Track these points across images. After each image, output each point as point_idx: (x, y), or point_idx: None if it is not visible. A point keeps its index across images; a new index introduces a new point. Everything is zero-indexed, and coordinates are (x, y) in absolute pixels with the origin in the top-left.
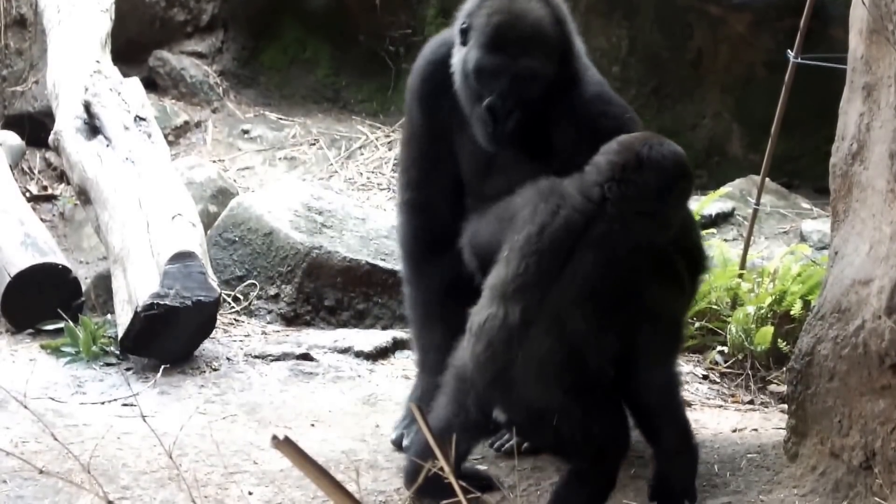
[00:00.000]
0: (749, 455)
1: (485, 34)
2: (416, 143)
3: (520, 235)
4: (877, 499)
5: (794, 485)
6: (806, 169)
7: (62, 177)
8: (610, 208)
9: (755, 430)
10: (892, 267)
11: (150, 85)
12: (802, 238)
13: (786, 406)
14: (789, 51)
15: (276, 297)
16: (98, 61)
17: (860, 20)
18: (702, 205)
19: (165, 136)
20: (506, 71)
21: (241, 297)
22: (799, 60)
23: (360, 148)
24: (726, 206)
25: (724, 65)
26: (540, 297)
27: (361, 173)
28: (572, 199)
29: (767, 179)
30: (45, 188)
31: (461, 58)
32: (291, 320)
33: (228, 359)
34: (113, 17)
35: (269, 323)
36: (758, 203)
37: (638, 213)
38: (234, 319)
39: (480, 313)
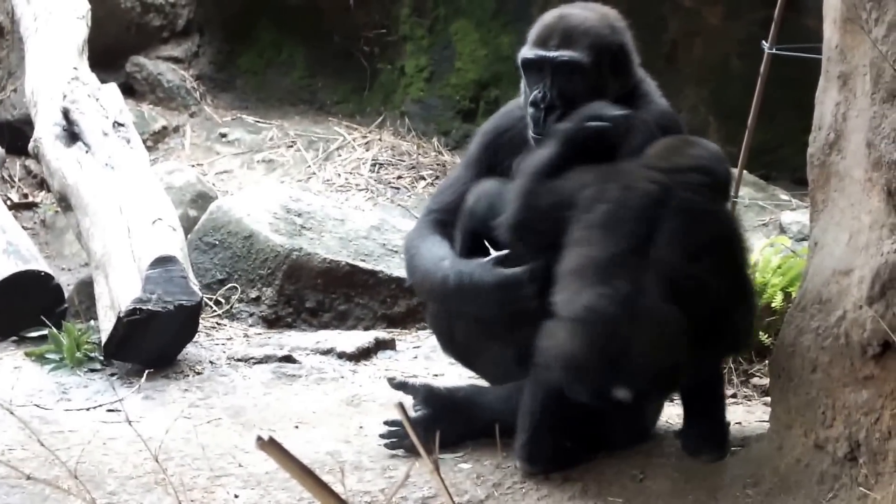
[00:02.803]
0: (733, 448)
1: (532, 33)
2: (463, 169)
3: (593, 214)
4: (862, 489)
5: (779, 477)
6: (784, 160)
7: (42, 184)
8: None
9: (738, 423)
10: (872, 256)
11: (128, 90)
12: (782, 230)
13: (769, 399)
14: (764, 41)
15: (257, 300)
16: (76, 68)
17: (834, 9)
18: None
19: (144, 142)
20: (547, 64)
21: (223, 301)
22: (774, 51)
23: (337, 149)
24: None
25: (699, 57)
26: (645, 265)
27: (339, 174)
28: (641, 173)
29: (745, 171)
30: (25, 196)
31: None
32: (273, 323)
33: (211, 362)
34: (89, 23)
35: (250, 326)
36: (736, 195)
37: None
38: (216, 323)
39: (576, 299)
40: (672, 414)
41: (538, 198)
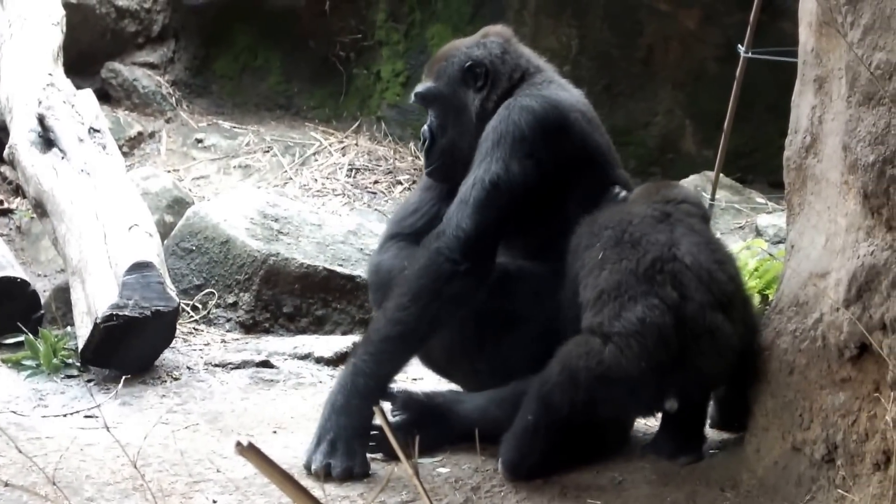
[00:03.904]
0: (711, 451)
1: None
2: (423, 192)
3: (603, 239)
4: (840, 491)
5: (757, 480)
6: (760, 163)
7: (18, 190)
8: None
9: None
10: (848, 259)
11: (104, 96)
12: (758, 233)
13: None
14: (740, 45)
15: (234, 305)
16: (51, 74)
17: (810, 13)
18: None
19: (120, 147)
20: (419, 99)
21: (200, 306)
22: (750, 55)
23: (313, 154)
24: None
25: (675, 61)
26: (680, 273)
27: (316, 179)
28: (635, 207)
29: (722, 175)
30: (0, 202)
31: None
32: (250, 328)
33: (189, 368)
34: (64, 29)
35: (228, 331)
36: (713, 199)
37: None
38: (194, 328)
39: (624, 314)
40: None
41: None
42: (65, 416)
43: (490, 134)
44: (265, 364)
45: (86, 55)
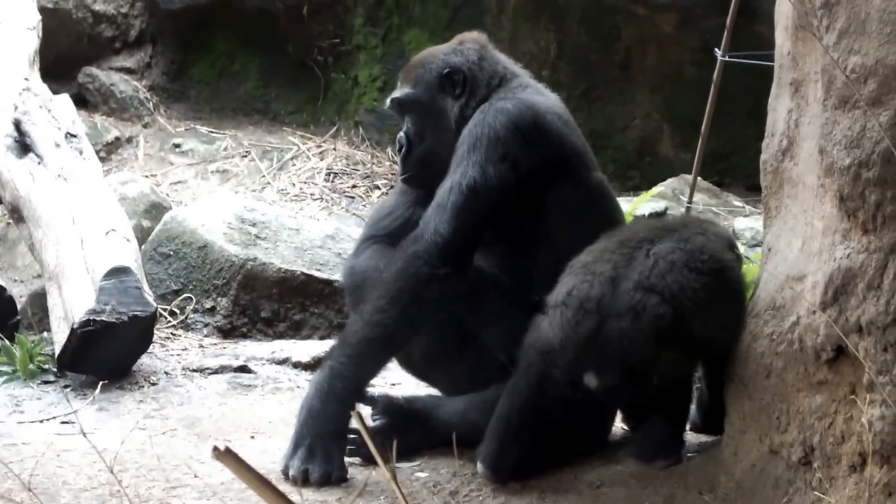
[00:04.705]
0: (689, 454)
1: None
2: (399, 196)
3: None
4: (816, 493)
5: (735, 483)
6: (737, 167)
7: None
8: None
9: (691, 429)
10: (825, 262)
11: (80, 101)
12: (735, 236)
13: None
14: (717, 49)
15: (212, 310)
16: (27, 79)
17: (786, 16)
18: (635, 205)
19: (97, 152)
20: (395, 106)
21: (178, 311)
22: (727, 58)
23: (291, 159)
24: (659, 206)
25: (653, 65)
26: (637, 257)
27: (294, 184)
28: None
29: (699, 178)
30: None
31: None
32: (228, 333)
33: (166, 373)
34: (40, 34)
35: (205, 336)
36: (690, 202)
37: None
38: (171, 333)
39: (560, 289)
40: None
41: None
42: (41, 421)
43: (466, 138)
44: (243, 369)
45: (62, 60)
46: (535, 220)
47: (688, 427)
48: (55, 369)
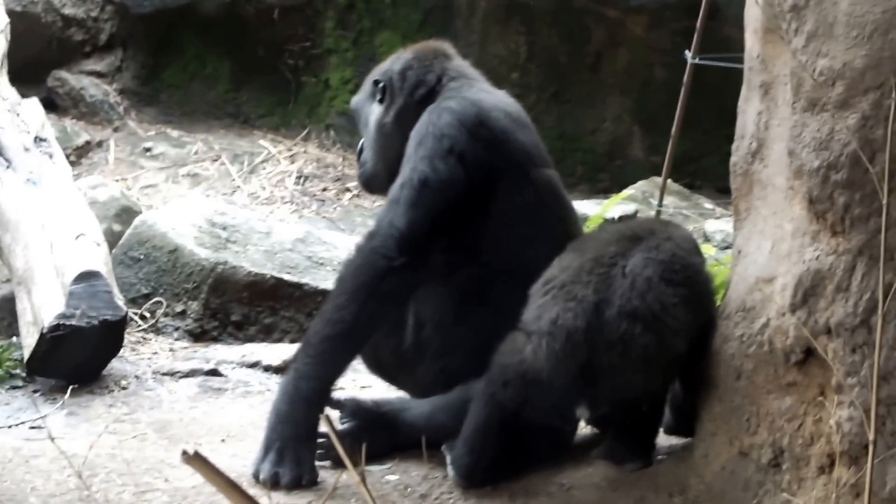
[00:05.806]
0: (659, 457)
1: None
2: None
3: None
4: (785, 495)
5: (705, 485)
6: (707, 169)
7: None
8: None
9: (664, 430)
10: (794, 264)
11: (50, 105)
12: (706, 238)
13: None
14: (687, 51)
15: (182, 314)
16: None
17: (755, 19)
18: (605, 208)
19: (67, 156)
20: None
21: (148, 315)
22: (697, 61)
23: (262, 162)
24: (629, 208)
25: (623, 67)
26: (615, 278)
27: (265, 187)
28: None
29: (669, 180)
30: None
31: None
32: (199, 336)
33: (137, 377)
34: (9, 37)
35: (176, 340)
36: (660, 204)
37: None
38: (142, 337)
39: (542, 314)
40: None
41: None
42: (9, 427)
43: (413, 137)
44: (213, 373)
45: (31, 64)
46: (483, 217)
47: (661, 428)
48: (24, 374)
